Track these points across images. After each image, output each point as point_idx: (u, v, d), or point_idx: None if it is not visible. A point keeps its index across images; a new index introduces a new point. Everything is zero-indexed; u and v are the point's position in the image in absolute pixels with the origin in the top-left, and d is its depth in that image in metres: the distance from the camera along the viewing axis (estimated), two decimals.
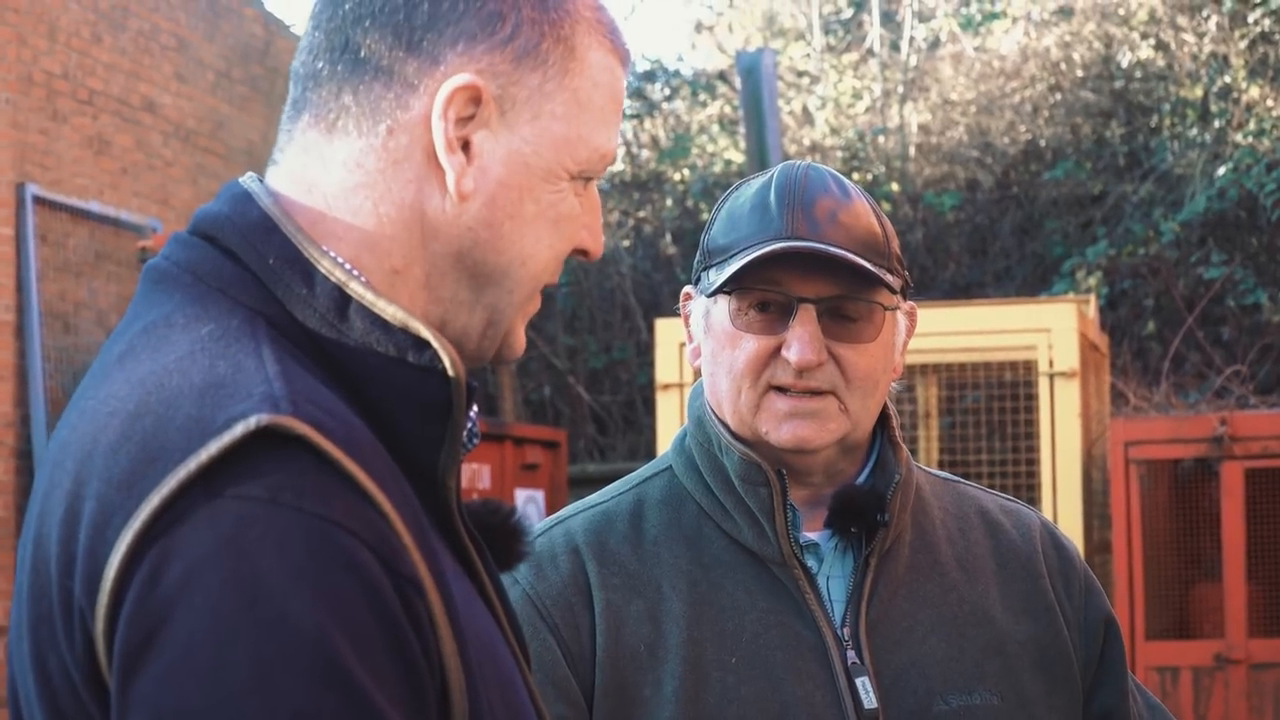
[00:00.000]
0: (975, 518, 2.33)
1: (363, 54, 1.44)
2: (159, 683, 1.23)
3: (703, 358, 2.26)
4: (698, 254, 2.28)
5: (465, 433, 1.44)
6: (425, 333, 1.40)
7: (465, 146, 1.44)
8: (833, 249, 2.14)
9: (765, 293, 2.17)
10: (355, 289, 1.41)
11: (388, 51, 1.44)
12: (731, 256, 2.18)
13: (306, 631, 1.23)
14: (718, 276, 2.19)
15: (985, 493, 2.39)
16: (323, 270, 1.41)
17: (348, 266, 1.43)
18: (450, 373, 1.40)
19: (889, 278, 2.19)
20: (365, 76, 1.44)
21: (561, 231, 1.50)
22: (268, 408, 1.29)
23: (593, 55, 1.50)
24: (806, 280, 2.16)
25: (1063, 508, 7.48)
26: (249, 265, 1.42)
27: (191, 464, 1.27)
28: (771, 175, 2.24)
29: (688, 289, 2.31)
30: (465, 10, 1.44)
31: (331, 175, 1.45)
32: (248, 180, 1.49)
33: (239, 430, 1.27)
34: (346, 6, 1.45)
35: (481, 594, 1.47)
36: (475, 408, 1.47)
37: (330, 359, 1.40)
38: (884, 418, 2.27)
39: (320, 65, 1.46)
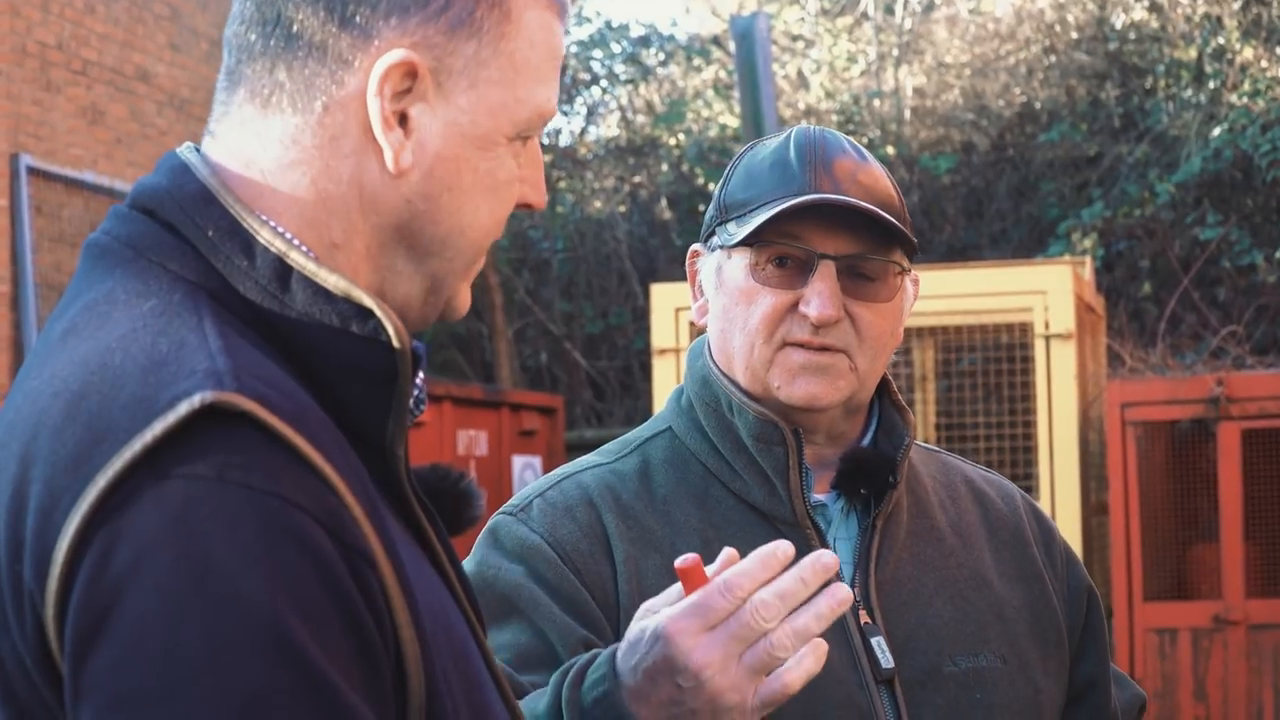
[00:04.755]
0: (962, 487, 2.34)
1: (295, 29, 1.42)
2: (112, 665, 1.23)
3: (711, 315, 2.25)
4: (710, 210, 2.28)
5: (412, 400, 1.43)
6: (368, 301, 1.38)
7: (403, 120, 1.43)
8: (860, 203, 2.15)
9: (785, 247, 2.17)
10: (296, 259, 1.39)
11: (320, 27, 1.41)
12: (753, 210, 2.18)
13: (258, 610, 1.22)
14: (738, 230, 2.18)
15: (966, 463, 2.41)
16: (262, 241, 1.39)
17: (289, 236, 1.41)
18: (394, 342, 1.39)
19: (907, 237, 2.19)
20: (299, 53, 1.42)
21: (500, 196, 1.49)
22: (212, 384, 1.27)
23: (528, 15, 1.48)
24: (827, 236, 2.17)
25: (1060, 470, 7.49)
26: (188, 238, 1.40)
27: (137, 444, 1.25)
28: (788, 135, 2.24)
29: (696, 246, 2.30)
30: None
31: (268, 151, 1.43)
32: (185, 151, 1.47)
33: (184, 409, 1.26)
34: None
35: (434, 562, 1.46)
36: (421, 374, 1.46)
37: (273, 331, 1.38)
38: (883, 382, 2.28)
39: (254, 38, 1.44)
